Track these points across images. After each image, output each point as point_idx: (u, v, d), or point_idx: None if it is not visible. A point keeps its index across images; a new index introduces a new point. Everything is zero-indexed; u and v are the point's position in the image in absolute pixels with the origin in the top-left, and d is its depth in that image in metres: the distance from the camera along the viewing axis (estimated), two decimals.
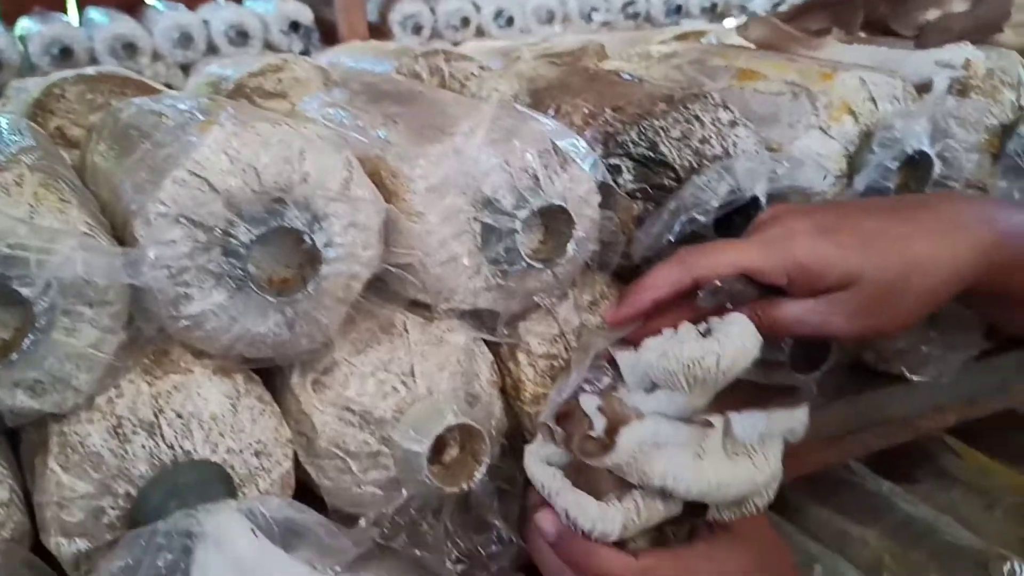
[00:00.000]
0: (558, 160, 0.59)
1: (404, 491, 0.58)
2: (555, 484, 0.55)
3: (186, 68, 2.77)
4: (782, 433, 0.52)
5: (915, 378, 0.80)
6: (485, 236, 0.58)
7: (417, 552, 0.59)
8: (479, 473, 0.59)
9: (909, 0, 0.84)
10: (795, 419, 0.52)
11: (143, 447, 0.52)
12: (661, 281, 0.58)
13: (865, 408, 0.83)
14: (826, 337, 0.62)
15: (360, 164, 0.59)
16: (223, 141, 0.52)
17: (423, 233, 0.58)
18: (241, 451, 0.55)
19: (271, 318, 0.54)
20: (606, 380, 0.60)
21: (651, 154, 0.64)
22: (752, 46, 0.86)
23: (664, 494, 0.52)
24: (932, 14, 0.83)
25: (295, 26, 2.86)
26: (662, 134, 0.64)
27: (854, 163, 0.71)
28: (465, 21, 3.11)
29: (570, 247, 0.59)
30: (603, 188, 0.63)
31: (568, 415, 0.56)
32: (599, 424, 0.52)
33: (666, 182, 0.65)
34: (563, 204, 0.58)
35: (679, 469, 0.50)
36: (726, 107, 0.67)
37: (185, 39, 2.73)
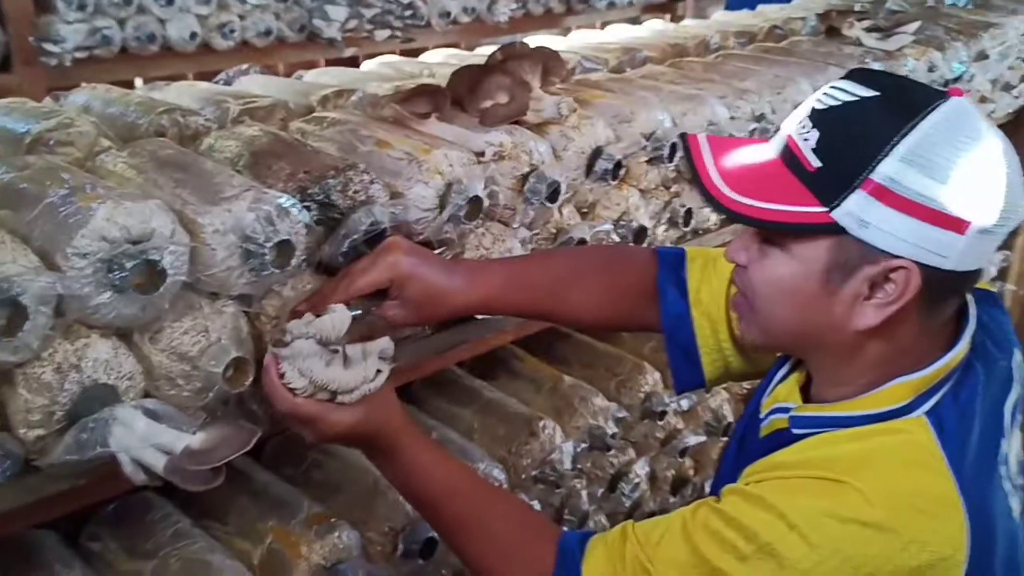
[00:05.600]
0: (284, 212, 1.11)
1: (209, 395, 1.08)
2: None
3: None
4: (378, 352, 1.07)
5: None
6: (246, 257, 1.09)
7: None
8: (248, 380, 1.10)
9: (475, 94, 1.43)
10: (383, 346, 1.07)
11: (73, 378, 0.98)
12: (333, 299, 1.11)
13: (455, 336, 1.42)
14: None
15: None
16: (109, 211, 0.98)
17: (212, 257, 1.07)
18: (121, 377, 1.02)
19: (135, 305, 1.01)
20: None
21: (327, 200, 1.18)
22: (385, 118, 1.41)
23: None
24: (487, 103, 1.42)
25: None
26: (332, 189, 1.18)
27: (443, 203, 1.28)
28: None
29: (294, 260, 1.11)
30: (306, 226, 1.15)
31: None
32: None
33: (336, 216, 1.18)
34: (289, 238, 1.10)
35: (313, 368, 1.03)
36: (367, 172, 1.21)
37: None
